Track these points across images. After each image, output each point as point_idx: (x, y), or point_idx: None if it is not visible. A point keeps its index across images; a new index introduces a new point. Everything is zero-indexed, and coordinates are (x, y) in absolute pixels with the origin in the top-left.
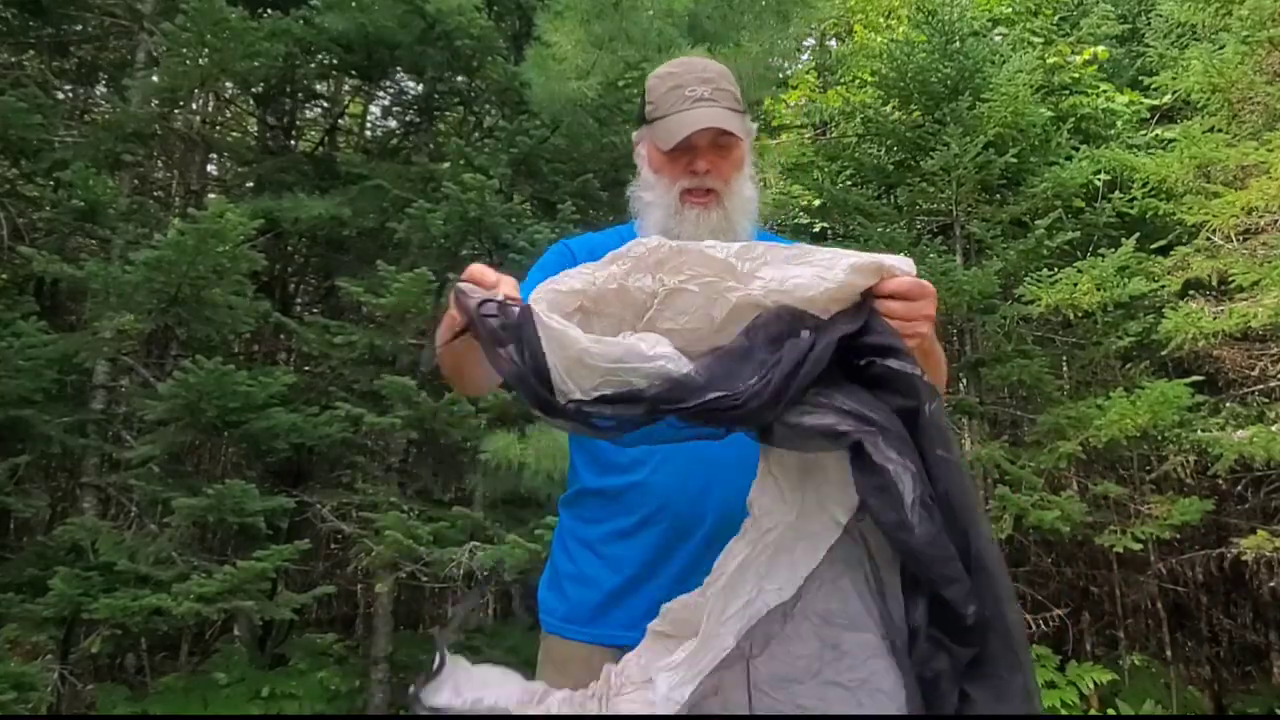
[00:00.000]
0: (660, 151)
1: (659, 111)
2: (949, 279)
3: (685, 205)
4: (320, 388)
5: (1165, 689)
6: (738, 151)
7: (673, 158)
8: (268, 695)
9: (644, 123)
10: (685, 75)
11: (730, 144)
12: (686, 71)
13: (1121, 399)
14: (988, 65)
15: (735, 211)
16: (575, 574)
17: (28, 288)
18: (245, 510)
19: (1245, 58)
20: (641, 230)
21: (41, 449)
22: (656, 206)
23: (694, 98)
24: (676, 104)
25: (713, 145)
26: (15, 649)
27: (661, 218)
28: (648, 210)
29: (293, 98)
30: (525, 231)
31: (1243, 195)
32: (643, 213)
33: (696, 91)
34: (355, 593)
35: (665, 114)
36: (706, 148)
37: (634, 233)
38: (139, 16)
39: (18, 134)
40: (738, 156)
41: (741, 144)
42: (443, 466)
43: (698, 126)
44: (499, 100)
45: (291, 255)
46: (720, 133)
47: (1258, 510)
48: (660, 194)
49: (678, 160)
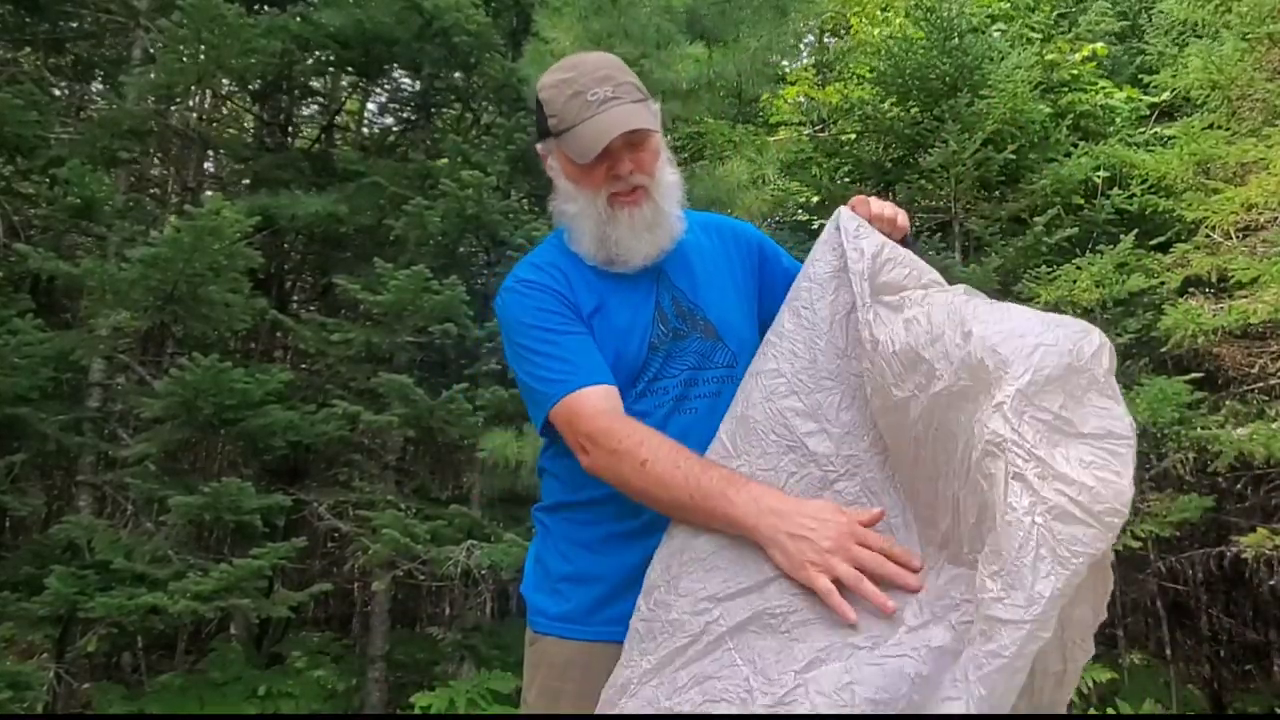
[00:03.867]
0: (575, 163)
1: (565, 123)
2: (948, 276)
3: (615, 208)
4: (317, 385)
5: (1165, 687)
6: (653, 140)
7: (590, 166)
8: (264, 694)
9: (549, 135)
10: (580, 79)
11: (644, 138)
12: (580, 74)
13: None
14: (986, 62)
15: (663, 200)
16: (572, 573)
17: (24, 285)
18: (242, 508)
19: (1245, 54)
20: (572, 241)
21: (37, 447)
22: (584, 217)
23: (597, 100)
24: (581, 111)
25: (628, 144)
26: (11, 648)
27: (592, 226)
28: (575, 221)
29: (290, 94)
30: (523, 229)
31: (1242, 192)
32: (571, 225)
33: (598, 93)
34: (352, 591)
35: (572, 124)
36: (623, 148)
37: (562, 241)
38: (135, 13)
39: (13, 131)
40: (654, 145)
41: (655, 133)
42: (440, 464)
43: (612, 135)
44: (496, 97)
45: (288, 252)
46: (631, 131)
47: (1258, 508)
48: (586, 204)
49: (596, 168)
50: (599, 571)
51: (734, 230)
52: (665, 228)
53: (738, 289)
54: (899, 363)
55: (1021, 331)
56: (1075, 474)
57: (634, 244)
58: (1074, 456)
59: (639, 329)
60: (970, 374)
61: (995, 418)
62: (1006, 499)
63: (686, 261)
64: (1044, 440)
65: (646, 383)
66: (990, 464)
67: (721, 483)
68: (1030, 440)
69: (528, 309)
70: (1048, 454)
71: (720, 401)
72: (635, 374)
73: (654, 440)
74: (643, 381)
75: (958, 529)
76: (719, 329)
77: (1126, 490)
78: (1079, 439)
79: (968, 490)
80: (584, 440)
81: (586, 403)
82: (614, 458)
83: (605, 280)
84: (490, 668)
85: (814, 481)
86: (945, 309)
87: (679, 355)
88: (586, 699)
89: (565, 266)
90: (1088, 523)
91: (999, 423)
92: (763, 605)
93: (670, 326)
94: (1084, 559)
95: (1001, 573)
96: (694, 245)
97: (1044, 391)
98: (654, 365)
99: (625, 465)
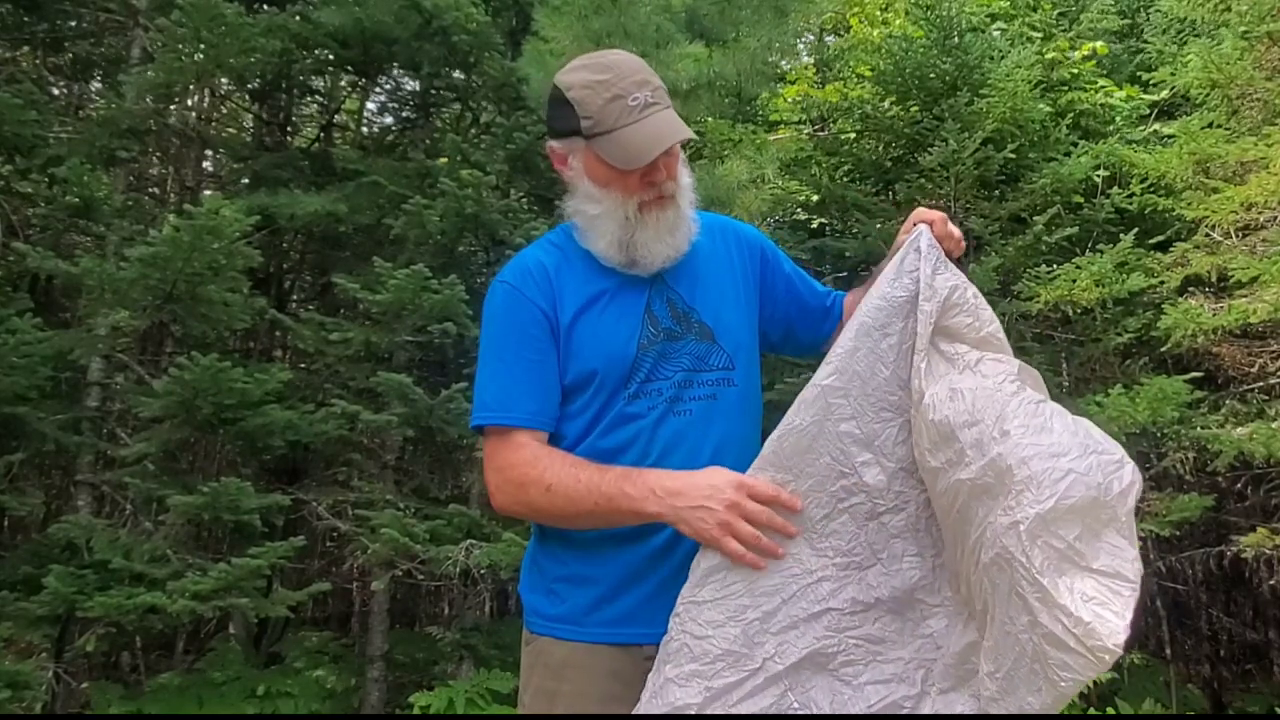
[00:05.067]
0: (609, 167)
1: (602, 126)
2: None
3: (644, 213)
4: (316, 385)
5: (1164, 687)
6: (678, 145)
7: (628, 171)
8: (263, 694)
9: (577, 134)
10: (618, 81)
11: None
12: (617, 76)
13: (1120, 395)
14: (986, 61)
15: (683, 203)
16: (568, 575)
17: (22, 284)
18: (240, 508)
19: (1244, 53)
20: (587, 241)
21: (36, 446)
22: (608, 219)
23: (639, 105)
24: (623, 116)
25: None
26: (9, 647)
27: (616, 229)
28: (596, 222)
29: (289, 93)
30: (522, 228)
31: (1242, 191)
32: (589, 225)
33: (639, 98)
34: (351, 591)
35: (613, 128)
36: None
37: (570, 240)
38: (134, 12)
39: (12, 130)
40: (677, 149)
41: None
42: (439, 464)
43: (665, 145)
44: (496, 96)
45: (287, 252)
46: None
47: (1258, 508)
48: (613, 207)
49: (632, 174)
50: (594, 573)
51: (736, 232)
52: (684, 231)
53: (737, 292)
54: (936, 432)
55: (1056, 451)
56: (1075, 608)
57: (657, 247)
58: (1078, 589)
59: (627, 328)
60: (996, 475)
61: (1010, 534)
62: (1008, 612)
63: (686, 263)
64: (1051, 568)
65: (639, 384)
66: (997, 574)
67: (619, 481)
68: (1038, 566)
69: (498, 314)
70: (1052, 583)
71: (716, 405)
72: (626, 374)
73: (550, 459)
74: (635, 383)
75: (973, 603)
76: (715, 332)
77: (1122, 632)
78: (1088, 573)
79: (978, 578)
80: (492, 474)
81: (508, 442)
82: (521, 490)
83: (603, 277)
84: (489, 667)
85: (861, 513)
86: (990, 395)
87: (673, 357)
88: (582, 699)
89: (557, 266)
90: (1080, 654)
91: (1012, 540)
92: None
93: (662, 328)
94: (1072, 684)
95: (998, 675)
96: (696, 247)
97: (1063, 519)
98: (645, 365)
99: (533, 492)
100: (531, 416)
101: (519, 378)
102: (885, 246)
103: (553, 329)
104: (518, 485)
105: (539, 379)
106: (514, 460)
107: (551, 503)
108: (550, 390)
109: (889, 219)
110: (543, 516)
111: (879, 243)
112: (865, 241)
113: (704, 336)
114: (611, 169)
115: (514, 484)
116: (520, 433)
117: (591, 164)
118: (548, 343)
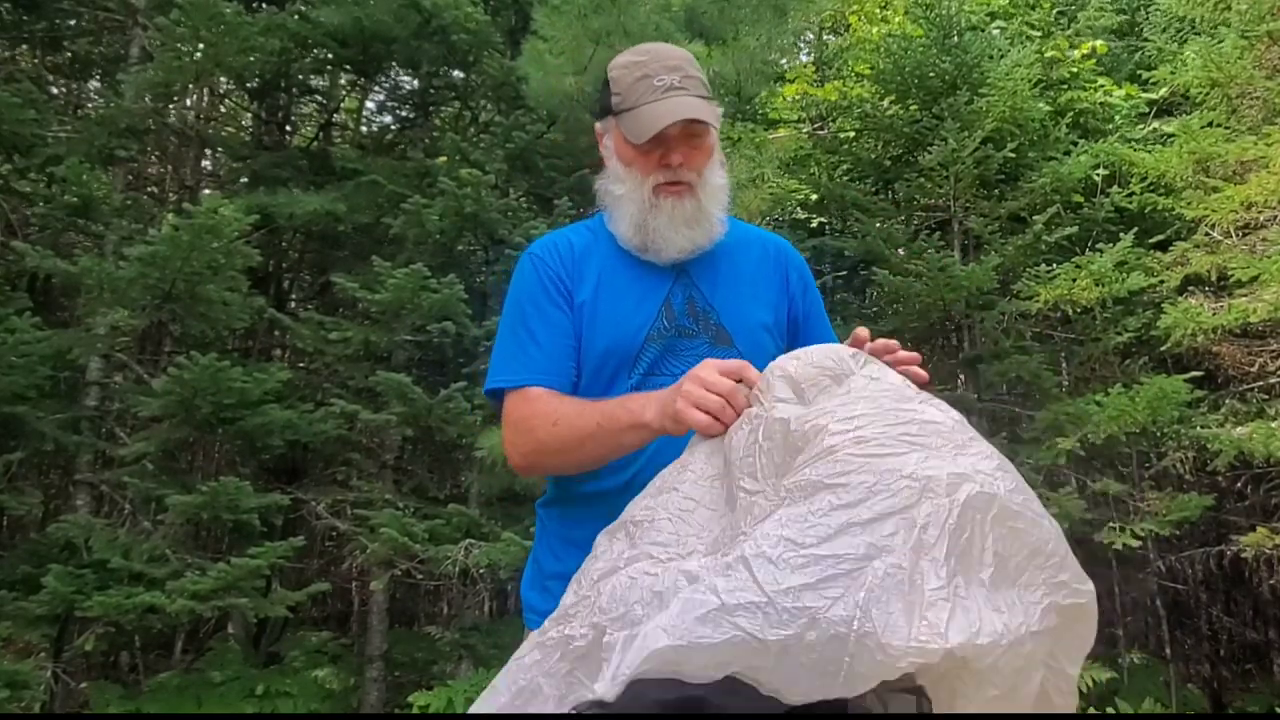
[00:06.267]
0: (631, 144)
1: (627, 103)
2: (947, 275)
3: (659, 196)
4: (315, 384)
5: (1164, 687)
6: (709, 139)
7: (645, 150)
8: (262, 693)
9: (610, 113)
10: (651, 64)
11: (702, 132)
12: (653, 60)
13: (1120, 395)
14: (985, 60)
15: (708, 200)
16: (563, 571)
17: (21, 284)
18: (239, 507)
19: (1244, 52)
20: (612, 223)
21: (35, 446)
22: (629, 200)
23: (663, 87)
24: (646, 94)
25: (685, 135)
26: (8, 647)
27: (634, 211)
28: (619, 203)
29: (288, 93)
30: (521, 227)
31: (1242, 190)
32: (614, 206)
33: (665, 80)
34: (350, 590)
35: (635, 105)
36: (679, 138)
37: (603, 225)
38: (133, 11)
39: (11, 129)
40: (709, 145)
41: (712, 131)
42: (438, 463)
43: (673, 119)
44: (495, 95)
45: (286, 251)
46: (691, 121)
47: (1257, 507)
48: (633, 187)
49: (650, 153)
50: None
51: (778, 247)
52: (705, 227)
53: (763, 302)
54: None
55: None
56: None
57: (671, 236)
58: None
59: (642, 315)
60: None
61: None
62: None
63: (716, 265)
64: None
65: (641, 375)
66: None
67: (621, 399)
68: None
69: (517, 283)
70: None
71: None
72: (631, 359)
73: (559, 400)
74: (637, 373)
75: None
76: (734, 335)
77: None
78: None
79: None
80: (507, 431)
81: (520, 397)
82: (530, 434)
83: (627, 263)
84: (488, 667)
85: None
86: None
87: (681, 353)
88: None
89: (586, 247)
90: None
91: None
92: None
93: (675, 323)
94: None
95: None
96: (729, 251)
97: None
98: (649, 356)
99: (540, 431)
100: (544, 374)
101: (531, 342)
102: (884, 246)
103: (570, 302)
104: (527, 429)
105: (552, 342)
106: (525, 412)
107: (557, 435)
108: (563, 352)
109: (889, 218)
110: (553, 457)
111: (878, 242)
112: (864, 240)
113: (720, 340)
114: (634, 148)
115: (524, 430)
116: (533, 389)
117: (619, 142)
118: (564, 311)
